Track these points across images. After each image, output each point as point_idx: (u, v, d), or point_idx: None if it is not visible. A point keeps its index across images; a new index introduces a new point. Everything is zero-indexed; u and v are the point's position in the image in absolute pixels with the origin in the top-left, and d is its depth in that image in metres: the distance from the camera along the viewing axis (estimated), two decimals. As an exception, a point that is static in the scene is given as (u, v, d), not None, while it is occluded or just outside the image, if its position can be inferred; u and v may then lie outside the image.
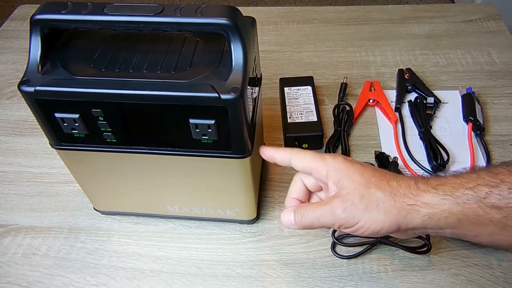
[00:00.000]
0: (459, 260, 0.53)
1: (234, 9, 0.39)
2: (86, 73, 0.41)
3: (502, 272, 0.52)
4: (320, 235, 0.57)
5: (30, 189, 0.64)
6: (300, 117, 0.66)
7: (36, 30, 0.41)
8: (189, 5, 0.39)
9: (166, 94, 0.40)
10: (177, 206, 0.56)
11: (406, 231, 0.37)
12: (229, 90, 0.39)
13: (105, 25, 0.40)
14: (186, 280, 0.54)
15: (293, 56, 0.84)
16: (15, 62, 0.85)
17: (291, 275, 0.53)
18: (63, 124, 0.43)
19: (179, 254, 0.56)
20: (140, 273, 0.54)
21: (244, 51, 0.40)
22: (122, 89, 0.40)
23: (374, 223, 0.36)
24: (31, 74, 0.41)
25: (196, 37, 0.44)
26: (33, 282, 0.54)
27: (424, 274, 0.52)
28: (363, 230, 0.37)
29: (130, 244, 0.57)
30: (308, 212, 0.40)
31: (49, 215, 0.61)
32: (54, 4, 0.40)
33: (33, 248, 0.57)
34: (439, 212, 0.34)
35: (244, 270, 0.54)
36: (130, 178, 0.52)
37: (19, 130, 0.72)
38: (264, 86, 0.56)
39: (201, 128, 0.42)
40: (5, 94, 0.79)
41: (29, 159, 0.68)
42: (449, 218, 0.33)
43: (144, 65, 0.42)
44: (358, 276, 0.53)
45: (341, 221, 0.38)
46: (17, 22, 0.94)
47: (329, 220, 0.39)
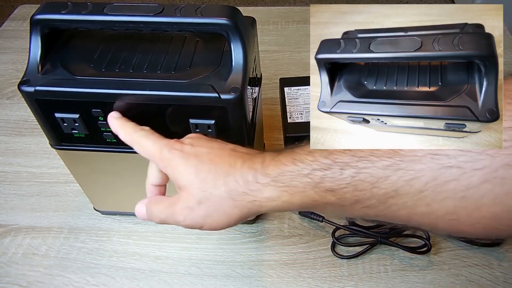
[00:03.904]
0: (459, 260, 0.53)
1: (234, 9, 0.39)
2: (86, 73, 0.41)
3: (502, 272, 0.52)
4: (320, 235, 0.57)
5: (30, 189, 0.64)
6: (300, 117, 0.66)
7: (36, 30, 0.41)
8: (189, 5, 0.39)
9: (166, 94, 0.40)
10: (177, 206, 0.55)
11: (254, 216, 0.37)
12: (229, 90, 0.39)
13: (105, 25, 0.40)
14: (186, 280, 0.54)
15: (293, 56, 0.84)
16: (15, 62, 0.85)
17: (291, 275, 0.53)
18: (63, 124, 0.43)
19: (179, 254, 0.56)
20: (140, 273, 0.54)
21: (244, 51, 0.40)
22: (122, 89, 0.40)
23: (218, 224, 0.36)
24: (31, 74, 0.41)
25: (196, 37, 0.44)
26: (33, 282, 0.54)
27: (424, 274, 0.52)
28: (209, 229, 0.36)
29: (130, 244, 0.57)
30: (155, 212, 0.38)
31: (49, 215, 0.61)
32: (54, 4, 0.40)
33: (33, 248, 0.57)
34: (281, 203, 0.33)
35: (244, 270, 0.54)
36: (130, 178, 0.52)
37: (19, 130, 0.72)
38: (264, 86, 0.56)
39: (201, 128, 0.42)
40: (5, 94, 0.79)
41: (29, 159, 0.68)
42: (291, 206, 0.34)
43: (144, 65, 0.42)
44: (358, 276, 0.53)
45: (185, 226, 0.37)
46: (17, 22, 0.94)
47: (174, 223, 0.37)
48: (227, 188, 0.34)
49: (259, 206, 0.34)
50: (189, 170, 0.36)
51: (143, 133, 0.39)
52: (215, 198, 0.35)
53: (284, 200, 0.33)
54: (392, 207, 0.30)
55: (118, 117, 0.41)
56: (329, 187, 0.31)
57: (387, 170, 0.29)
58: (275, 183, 0.33)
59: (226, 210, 0.35)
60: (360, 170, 0.30)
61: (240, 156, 0.36)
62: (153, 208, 0.38)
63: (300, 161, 0.33)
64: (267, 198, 0.34)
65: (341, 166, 0.31)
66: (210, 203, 0.35)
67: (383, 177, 0.29)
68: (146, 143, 0.38)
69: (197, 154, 0.36)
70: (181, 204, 0.36)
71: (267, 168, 0.34)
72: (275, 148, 0.67)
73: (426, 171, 0.28)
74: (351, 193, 0.31)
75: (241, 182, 0.34)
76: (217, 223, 0.36)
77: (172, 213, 0.37)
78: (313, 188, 0.32)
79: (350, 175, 0.30)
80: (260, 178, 0.34)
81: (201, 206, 0.35)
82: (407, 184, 0.29)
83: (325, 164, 0.31)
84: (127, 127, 0.40)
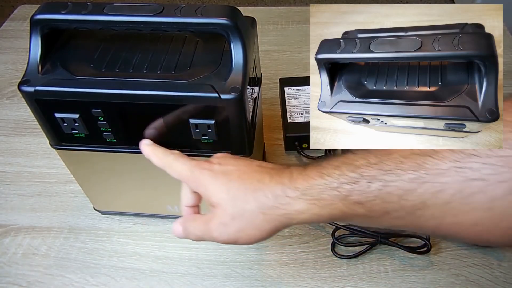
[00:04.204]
0: (459, 260, 0.53)
1: (234, 9, 0.39)
2: (86, 73, 0.41)
3: (502, 272, 0.52)
4: (320, 235, 0.57)
5: (30, 189, 0.64)
6: (300, 117, 0.66)
7: (36, 30, 0.41)
8: (189, 5, 0.39)
9: (166, 94, 0.40)
10: (177, 206, 0.56)
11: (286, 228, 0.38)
12: (229, 90, 0.39)
13: (105, 25, 0.40)
14: (186, 280, 0.54)
15: (293, 56, 0.84)
16: (15, 62, 0.85)
17: (291, 275, 0.53)
18: (63, 124, 0.43)
19: (179, 254, 0.56)
20: (140, 273, 0.54)
21: (244, 51, 0.40)
22: (122, 89, 0.40)
23: (252, 238, 0.37)
24: (31, 74, 0.41)
25: (196, 37, 0.44)
26: (33, 282, 0.54)
27: (424, 274, 0.52)
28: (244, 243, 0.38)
29: (130, 244, 0.57)
30: (191, 230, 0.40)
31: (49, 215, 0.61)
32: (54, 4, 0.40)
33: (33, 248, 0.57)
34: (310, 215, 0.35)
35: (244, 270, 0.54)
36: (130, 178, 0.52)
37: (19, 130, 0.72)
38: (264, 86, 0.56)
39: (201, 128, 0.42)
40: (5, 94, 0.79)
41: (29, 159, 0.68)
42: (320, 218, 0.35)
43: (144, 65, 0.42)
44: (358, 276, 0.53)
45: (221, 241, 0.38)
46: (17, 22, 0.94)
47: (211, 240, 0.38)
48: (257, 203, 0.36)
49: (289, 219, 0.35)
50: (220, 188, 0.37)
51: (173, 156, 0.41)
52: (247, 213, 0.36)
53: (314, 212, 0.34)
54: (420, 218, 0.31)
55: (149, 143, 0.43)
56: (358, 199, 0.32)
57: (413, 183, 0.30)
58: (304, 197, 0.34)
59: (258, 224, 0.36)
60: (387, 183, 0.31)
61: (267, 171, 0.37)
62: (190, 226, 0.40)
63: (328, 175, 0.34)
64: (296, 211, 0.35)
65: (368, 180, 0.32)
66: (242, 218, 0.36)
67: (410, 190, 0.30)
68: (177, 166, 0.40)
69: (226, 172, 0.38)
70: (216, 221, 0.37)
71: (295, 182, 0.35)
72: (275, 148, 0.67)
73: (451, 184, 0.29)
74: (380, 205, 0.32)
75: (271, 196, 0.35)
76: (250, 237, 0.37)
77: (208, 229, 0.38)
78: (342, 200, 0.33)
79: (378, 188, 0.31)
80: (289, 192, 0.35)
81: (234, 222, 0.36)
82: (433, 196, 0.30)
83: (352, 178, 0.32)
84: (158, 152, 0.42)
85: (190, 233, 0.40)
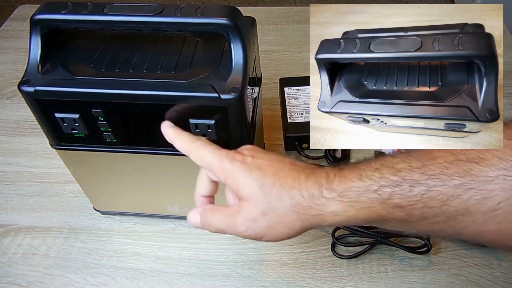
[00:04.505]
0: (459, 260, 0.53)
1: (234, 9, 0.39)
2: (86, 73, 0.41)
3: (502, 272, 0.52)
4: (320, 235, 0.57)
5: (30, 189, 0.64)
6: (300, 117, 0.66)
7: (36, 30, 0.41)
8: (189, 5, 0.39)
9: (166, 94, 0.40)
10: (177, 206, 0.56)
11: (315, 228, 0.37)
12: (229, 90, 0.39)
13: (105, 25, 0.40)
14: (186, 280, 0.54)
15: (293, 56, 0.84)
16: (15, 62, 0.85)
17: (291, 275, 0.53)
18: (63, 124, 0.43)
19: (179, 254, 0.56)
20: (140, 273, 0.54)
21: (244, 51, 0.40)
22: (122, 89, 0.40)
23: (280, 235, 0.36)
24: (31, 74, 0.41)
25: (196, 37, 0.44)
26: (33, 282, 0.54)
27: (424, 274, 0.52)
28: (269, 240, 0.37)
29: (130, 244, 0.57)
30: (212, 222, 0.38)
31: (49, 215, 0.61)
32: (54, 4, 0.40)
33: (33, 248, 0.57)
34: (345, 217, 0.34)
35: (244, 270, 0.54)
36: (130, 178, 0.52)
37: (19, 130, 0.72)
38: (264, 86, 0.56)
39: (201, 128, 0.42)
40: (5, 94, 0.79)
41: (29, 159, 0.68)
42: (356, 220, 0.34)
43: (144, 65, 0.42)
44: (358, 276, 0.53)
45: (245, 237, 0.37)
46: (17, 22, 0.94)
47: (233, 233, 0.37)
48: (292, 202, 0.35)
49: (321, 219, 0.35)
50: (253, 182, 0.36)
51: (201, 142, 0.39)
52: (280, 210, 0.35)
53: (350, 214, 0.34)
54: (460, 224, 0.31)
55: (171, 126, 0.41)
56: (398, 203, 0.32)
57: (457, 189, 0.30)
58: (341, 198, 0.34)
59: (290, 222, 0.36)
60: (431, 188, 0.31)
61: (302, 170, 0.37)
62: (210, 218, 0.39)
63: (367, 178, 0.33)
64: (331, 212, 0.34)
65: (410, 184, 0.31)
66: (274, 215, 0.35)
67: (454, 196, 0.30)
68: (205, 153, 0.38)
69: (260, 166, 0.37)
70: (243, 215, 0.36)
71: (332, 183, 0.34)
72: (275, 148, 0.67)
73: (498, 192, 0.29)
74: (420, 209, 0.31)
75: (306, 196, 0.35)
76: (279, 235, 0.36)
77: (233, 223, 0.37)
78: (381, 204, 0.32)
79: (420, 193, 0.31)
80: (325, 192, 0.34)
81: (264, 218, 0.36)
82: (478, 203, 0.29)
83: (393, 181, 0.32)
84: (183, 136, 0.40)
85: (211, 225, 0.38)
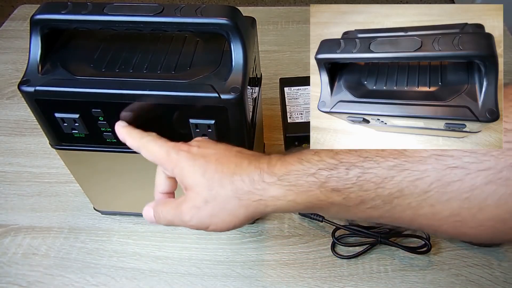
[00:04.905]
0: (459, 260, 0.53)
1: (234, 9, 0.39)
2: (86, 73, 0.41)
3: (502, 272, 0.52)
4: (320, 235, 0.57)
5: (30, 189, 0.64)
6: (300, 117, 0.66)
7: (36, 30, 0.41)
8: (189, 5, 0.39)
9: (166, 94, 0.40)
10: (177, 206, 0.56)
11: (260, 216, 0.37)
12: (229, 90, 0.39)
13: (105, 25, 0.40)
14: (186, 280, 0.54)
15: (293, 56, 0.84)
16: (15, 62, 0.85)
17: (291, 275, 0.53)
18: (63, 124, 0.43)
19: (179, 254, 0.56)
20: (140, 273, 0.54)
21: (244, 51, 0.40)
22: (122, 89, 0.40)
23: (224, 224, 0.36)
24: (31, 74, 0.41)
25: (196, 37, 0.44)
26: (33, 282, 0.54)
27: (424, 274, 0.52)
28: (215, 230, 0.37)
29: (130, 244, 0.57)
30: (163, 214, 0.39)
31: (49, 215, 0.61)
32: (54, 4, 0.40)
33: (33, 248, 0.57)
34: (286, 202, 0.34)
35: (244, 270, 0.54)
36: (130, 178, 0.52)
37: (19, 130, 0.72)
38: (264, 86, 0.56)
39: (201, 128, 0.42)
40: (5, 94, 0.79)
41: (29, 159, 0.68)
42: (296, 206, 0.34)
43: (144, 65, 0.42)
44: (358, 276, 0.53)
45: (192, 226, 0.37)
46: (17, 22, 0.94)
47: (181, 224, 0.37)
48: (233, 187, 0.35)
49: (264, 205, 0.35)
50: (196, 170, 0.36)
51: (149, 138, 0.40)
52: (222, 197, 0.35)
53: (290, 199, 0.34)
54: (396, 208, 0.30)
55: (124, 125, 0.42)
56: (335, 186, 0.32)
57: (392, 171, 0.29)
58: (280, 182, 0.34)
59: (232, 209, 0.35)
60: (366, 170, 0.30)
61: (246, 157, 0.37)
62: (160, 210, 0.39)
63: (307, 161, 0.33)
64: (272, 197, 0.34)
65: (346, 166, 0.31)
66: (216, 202, 0.35)
67: (388, 178, 0.30)
68: (153, 147, 0.39)
69: (204, 154, 0.37)
70: (188, 204, 0.36)
71: (273, 167, 0.34)
72: (275, 148, 0.67)
73: (430, 172, 0.28)
74: (356, 193, 0.31)
75: (247, 181, 0.34)
76: (223, 223, 0.36)
77: (179, 213, 0.37)
78: (319, 187, 0.32)
79: (356, 175, 0.31)
80: (266, 177, 0.34)
81: (207, 205, 0.35)
82: (411, 184, 0.29)
83: (331, 164, 0.32)
84: (133, 133, 0.41)
85: (161, 218, 0.39)
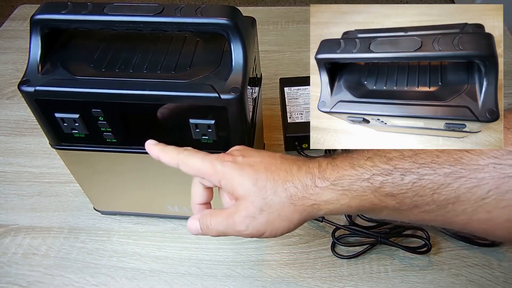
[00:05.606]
0: (459, 260, 0.53)
1: (234, 9, 0.39)
2: (86, 73, 0.41)
3: (502, 272, 0.52)
4: (320, 235, 0.57)
5: (30, 189, 0.64)
6: (300, 117, 0.66)
7: (36, 30, 0.41)
8: (189, 5, 0.39)
9: (166, 94, 0.40)
10: (177, 206, 0.56)
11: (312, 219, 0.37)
12: (229, 90, 0.39)
13: (105, 25, 0.40)
14: (186, 280, 0.54)
15: (293, 56, 0.84)
16: (15, 62, 0.85)
17: (291, 275, 0.53)
18: (63, 124, 0.43)
19: (179, 254, 0.56)
20: (140, 273, 0.54)
21: (244, 51, 0.40)
22: (122, 89, 0.40)
23: (279, 230, 0.37)
24: (31, 74, 0.41)
25: (196, 37, 0.44)
26: (33, 282, 0.54)
27: (424, 274, 0.52)
28: (269, 236, 0.37)
29: (130, 244, 0.57)
30: (213, 225, 0.38)
31: (49, 215, 0.61)
32: (54, 4, 0.40)
33: (33, 248, 0.57)
34: (339, 206, 0.35)
35: (244, 270, 0.54)
36: (130, 178, 0.52)
37: (19, 130, 0.72)
38: (264, 86, 0.56)
39: (201, 128, 0.42)
40: (5, 94, 0.79)
41: (29, 159, 0.68)
42: (349, 209, 0.35)
43: (144, 65, 0.42)
44: (358, 276, 0.53)
45: (246, 235, 0.37)
46: (17, 22, 0.94)
47: (235, 234, 0.37)
48: (287, 194, 0.35)
49: (317, 209, 0.35)
50: (246, 179, 0.36)
51: (187, 152, 0.39)
52: (276, 204, 0.35)
53: (343, 203, 0.34)
54: (450, 212, 0.31)
55: (154, 143, 0.41)
56: (389, 191, 0.32)
57: (448, 178, 0.30)
58: (333, 187, 0.34)
59: (287, 215, 0.36)
60: (421, 177, 0.31)
61: (293, 162, 0.37)
62: (210, 222, 0.38)
63: (360, 166, 0.34)
64: (325, 201, 0.35)
65: (401, 172, 0.32)
66: (271, 210, 0.36)
67: (445, 184, 0.30)
68: (195, 162, 0.38)
69: (251, 163, 0.37)
70: (241, 213, 0.36)
71: (324, 172, 0.35)
72: (275, 148, 0.67)
73: (488, 180, 0.29)
74: (411, 198, 0.32)
75: (300, 187, 0.35)
76: (279, 229, 0.37)
77: (232, 223, 0.37)
78: (373, 192, 0.33)
79: (411, 181, 0.31)
80: (318, 182, 0.35)
81: (262, 214, 0.36)
82: (468, 191, 0.30)
83: (385, 170, 0.32)
84: (168, 150, 0.40)
85: (211, 229, 0.38)
